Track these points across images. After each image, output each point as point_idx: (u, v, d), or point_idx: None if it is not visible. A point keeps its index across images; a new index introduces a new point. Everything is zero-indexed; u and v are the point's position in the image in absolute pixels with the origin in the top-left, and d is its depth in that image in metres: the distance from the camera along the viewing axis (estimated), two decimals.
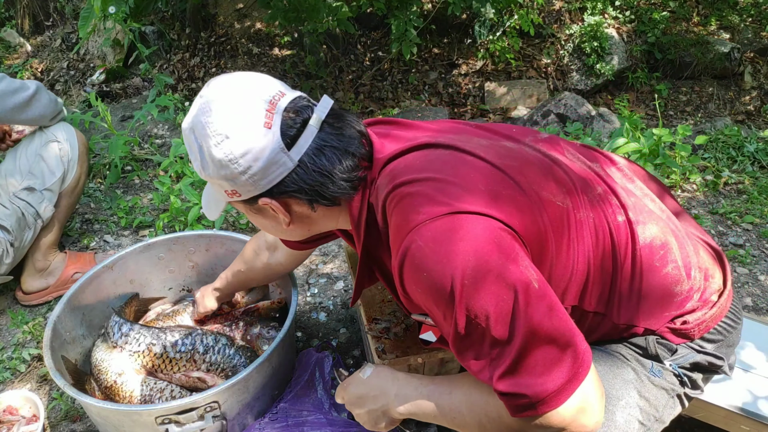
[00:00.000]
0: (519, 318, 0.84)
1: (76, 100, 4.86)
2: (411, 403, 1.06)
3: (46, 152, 1.96)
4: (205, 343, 1.58)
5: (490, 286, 0.84)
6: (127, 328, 1.61)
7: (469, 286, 0.85)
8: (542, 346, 0.85)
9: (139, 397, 1.51)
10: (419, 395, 1.05)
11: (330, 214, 1.06)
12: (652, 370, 1.06)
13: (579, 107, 3.88)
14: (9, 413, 1.60)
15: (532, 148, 1.09)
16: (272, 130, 0.94)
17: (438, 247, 0.87)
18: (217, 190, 1.04)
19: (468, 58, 5.31)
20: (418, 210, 0.91)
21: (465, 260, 0.85)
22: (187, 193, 2.31)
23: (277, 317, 1.78)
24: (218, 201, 1.08)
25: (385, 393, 1.10)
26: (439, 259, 0.86)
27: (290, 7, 3.64)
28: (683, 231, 1.12)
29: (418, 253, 0.89)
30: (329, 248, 2.38)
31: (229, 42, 5.20)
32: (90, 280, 1.69)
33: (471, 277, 0.85)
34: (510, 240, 0.88)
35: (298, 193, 0.99)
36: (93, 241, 2.41)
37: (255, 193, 0.99)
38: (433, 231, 0.88)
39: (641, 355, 1.07)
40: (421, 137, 1.06)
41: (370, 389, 1.12)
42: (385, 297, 1.53)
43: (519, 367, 0.85)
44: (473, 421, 0.97)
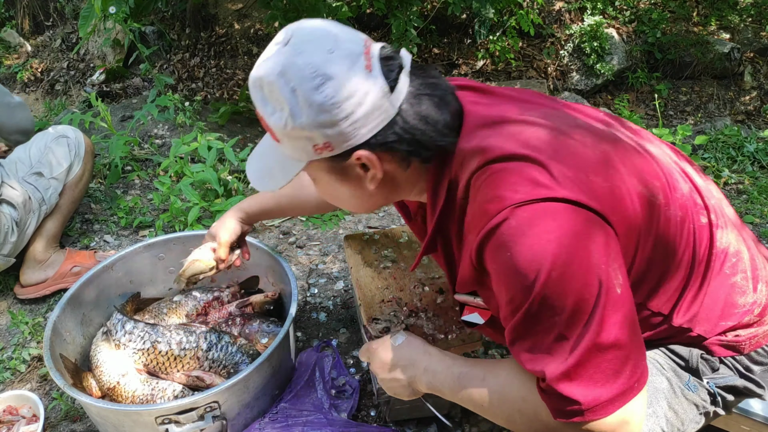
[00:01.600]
0: (593, 322, 0.82)
1: (76, 100, 4.87)
2: (439, 381, 1.04)
3: (56, 146, 2.12)
4: (209, 341, 1.58)
5: (575, 284, 0.82)
6: (131, 326, 1.62)
7: (555, 280, 0.82)
8: (607, 354, 0.83)
9: (142, 397, 1.51)
10: (449, 375, 1.03)
11: (416, 177, 0.99)
12: (687, 384, 1.05)
13: None
14: (9, 413, 1.60)
15: (625, 135, 1.02)
16: (373, 73, 0.88)
17: (531, 232, 0.83)
18: (296, 150, 0.94)
19: (468, 58, 5.31)
20: (516, 188, 0.86)
21: (557, 252, 0.82)
22: (187, 193, 2.30)
23: (272, 310, 1.78)
24: (289, 166, 0.97)
25: (415, 365, 1.08)
26: (531, 244, 0.83)
27: (290, 7, 3.64)
28: (753, 241, 1.09)
29: (508, 232, 0.84)
30: (329, 248, 2.39)
31: (229, 42, 5.20)
32: (90, 279, 1.69)
33: (559, 270, 0.82)
34: (605, 239, 0.86)
35: (398, 144, 0.91)
36: (93, 241, 2.41)
37: (352, 144, 0.90)
38: (530, 214, 0.84)
39: (681, 367, 1.06)
40: (512, 110, 0.99)
41: (399, 358, 1.11)
42: (385, 297, 1.53)
43: (579, 372, 0.83)
44: (502, 413, 0.96)
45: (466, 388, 0.99)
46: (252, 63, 5.60)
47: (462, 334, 1.38)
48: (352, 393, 1.65)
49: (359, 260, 1.67)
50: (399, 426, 1.58)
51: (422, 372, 1.07)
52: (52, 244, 2.13)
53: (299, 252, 2.37)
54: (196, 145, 2.45)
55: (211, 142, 2.46)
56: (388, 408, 1.53)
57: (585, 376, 0.83)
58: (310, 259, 2.32)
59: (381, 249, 1.71)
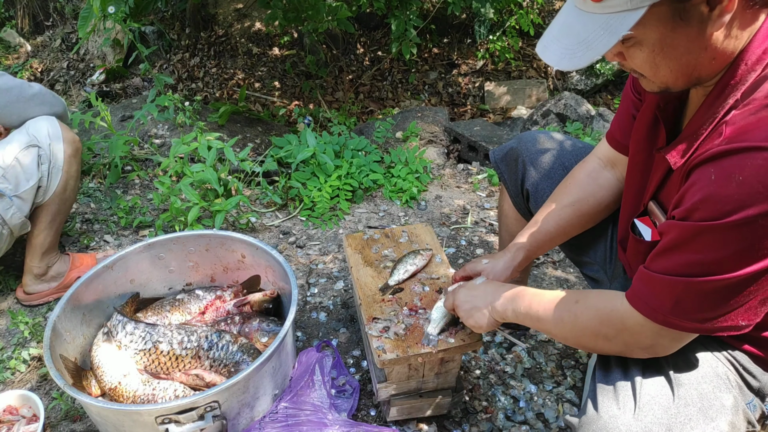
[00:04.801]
0: (756, 291, 0.85)
1: (76, 100, 4.87)
2: (518, 303, 1.18)
3: (23, 157, 1.83)
4: (210, 340, 1.59)
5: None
6: (131, 327, 1.62)
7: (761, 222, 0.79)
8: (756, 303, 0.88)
9: (143, 397, 1.51)
10: (530, 294, 1.17)
11: (742, 29, 0.88)
12: (749, 403, 1.06)
13: (579, 107, 3.88)
14: (9, 413, 1.60)
15: None
16: None
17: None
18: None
19: (468, 58, 5.31)
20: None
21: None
22: (187, 193, 2.31)
23: (271, 309, 1.78)
24: (616, 24, 0.86)
25: (494, 293, 1.24)
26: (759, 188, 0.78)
27: (290, 7, 3.64)
28: None
29: (764, 160, 0.79)
30: (329, 248, 2.39)
31: (228, 42, 5.20)
32: (90, 280, 1.69)
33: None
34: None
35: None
36: (93, 241, 2.41)
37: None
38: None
39: (747, 385, 1.07)
40: None
41: (479, 291, 1.29)
42: (385, 296, 1.53)
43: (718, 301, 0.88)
44: (588, 325, 1.05)
45: (544, 307, 1.12)
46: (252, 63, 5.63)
47: (462, 333, 1.38)
48: (352, 393, 1.65)
49: (359, 260, 1.67)
50: (399, 426, 1.58)
51: (501, 297, 1.22)
52: (49, 254, 2.02)
53: (299, 252, 2.37)
54: (196, 145, 2.45)
55: (211, 142, 2.46)
56: (388, 408, 1.53)
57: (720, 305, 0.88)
58: (310, 259, 2.32)
59: (381, 249, 1.71)
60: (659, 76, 0.94)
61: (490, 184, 2.98)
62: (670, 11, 0.84)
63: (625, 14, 0.84)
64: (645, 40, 0.89)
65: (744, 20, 0.86)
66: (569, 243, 1.52)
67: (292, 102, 4.87)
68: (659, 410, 0.97)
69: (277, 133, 3.67)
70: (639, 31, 0.86)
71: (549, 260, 2.33)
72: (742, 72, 0.89)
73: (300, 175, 2.72)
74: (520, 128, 4.16)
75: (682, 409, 0.97)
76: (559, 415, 1.65)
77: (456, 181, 3.05)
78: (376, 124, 3.30)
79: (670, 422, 0.95)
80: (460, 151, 3.45)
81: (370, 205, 2.74)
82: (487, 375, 1.77)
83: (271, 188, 2.71)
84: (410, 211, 2.71)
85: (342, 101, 4.90)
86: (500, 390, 1.72)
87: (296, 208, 2.66)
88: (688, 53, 0.89)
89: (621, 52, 0.93)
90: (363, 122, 4.38)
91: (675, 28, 0.85)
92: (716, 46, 0.87)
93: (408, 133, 3.38)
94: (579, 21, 0.90)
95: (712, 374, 1.04)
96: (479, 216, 2.66)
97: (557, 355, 1.85)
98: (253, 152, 3.21)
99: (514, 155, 1.57)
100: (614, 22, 0.86)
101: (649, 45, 0.89)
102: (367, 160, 2.87)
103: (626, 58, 0.94)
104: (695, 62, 0.90)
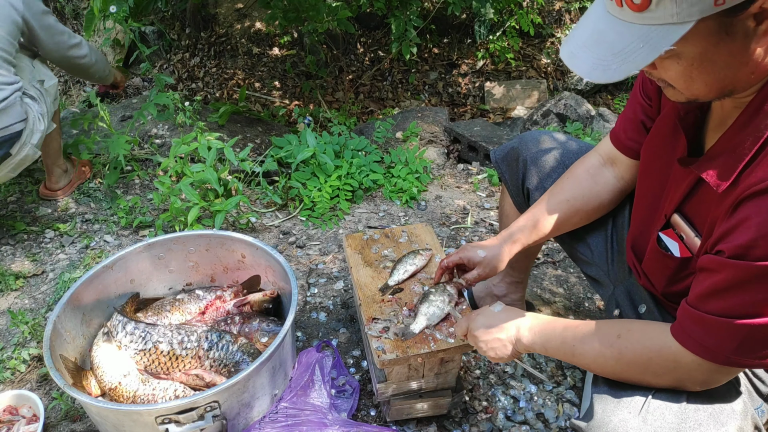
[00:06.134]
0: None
1: (76, 100, 4.87)
2: (545, 336, 1.12)
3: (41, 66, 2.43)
4: (210, 340, 1.59)
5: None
6: (132, 327, 1.62)
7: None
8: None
9: (143, 397, 1.51)
10: (554, 329, 1.12)
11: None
12: (758, 408, 1.06)
13: (579, 107, 3.88)
14: (9, 413, 1.60)
15: None
16: None
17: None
18: (687, 8, 0.77)
19: (468, 58, 5.31)
20: None
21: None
22: (187, 193, 2.30)
23: (270, 309, 1.78)
24: (658, 38, 0.80)
25: (517, 324, 1.17)
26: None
27: (290, 6, 3.64)
28: None
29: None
30: (329, 248, 2.39)
31: (229, 42, 5.20)
32: (90, 279, 1.69)
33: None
34: None
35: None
36: (93, 241, 2.41)
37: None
38: None
39: (756, 390, 1.07)
40: None
41: (500, 320, 1.20)
42: (385, 296, 1.53)
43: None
44: (634, 361, 1.01)
45: (581, 340, 1.07)
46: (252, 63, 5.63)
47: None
48: (352, 393, 1.65)
49: (359, 260, 1.67)
50: (399, 426, 1.58)
51: (527, 330, 1.15)
52: (60, 155, 2.65)
53: (299, 252, 2.37)
54: (196, 145, 2.45)
55: (211, 142, 2.46)
56: (388, 408, 1.53)
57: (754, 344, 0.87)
58: (310, 259, 2.32)
59: (381, 249, 1.71)
60: (692, 89, 0.89)
61: (490, 184, 2.98)
62: (716, 26, 0.79)
63: (670, 27, 0.78)
64: (684, 54, 0.83)
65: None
66: (570, 243, 1.52)
67: (292, 102, 4.87)
68: (669, 414, 0.96)
69: (277, 133, 3.67)
70: (680, 45, 0.81)
71: (549, 260, 2.33)
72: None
73: (300, 175, 2.72)
74: (520, 128, 4.16)
75: (692, 414, 0.96)
76: (559, 415, 1.65)
77: (456, 181, 3.05)
78: (376, 124, 3.30)
79: (679, 426, 0.94)
80: (460, 151, 3.45)
81: (370, 205, 2.74)
82: (487, 375, 1.77)
83: (271, 188, 2.71)
84: (410, 211, 2.71)
85: (342, 101, 4.90)
86: (500, 390, 1.72)
87: (296, 208, 2.66)
88: (727, 68, 0.84)
89: (654, 63, 0.87)
90: (363, 122, 4.38)
91: (718, 42, 0.81)
92: (758, 61, 0.83)
93: (408, 133, 3.38)
94: (614, 30, 0.84)
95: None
96: (479, 216, 2.66)
97: None
98: (253, 152, 3.21)
99: (515, 155, 1.57)
100: (656, 35, 0.79)
101: (689, 59, 0.84)
102: (367, 160, 2.87)
103: (657, 68, 0.89)
104: (733, 77, 0.86)
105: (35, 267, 2.26)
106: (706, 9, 0.76)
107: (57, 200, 2.69)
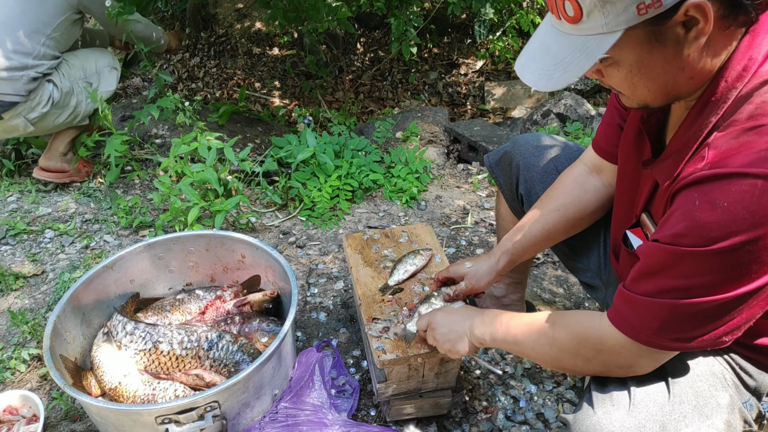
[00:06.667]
0: (741, 310, 0.86)
1: None
2: (495, 327, 1.17)
3: (108, 73, 2.75)
4: (210, 340, 1.59)
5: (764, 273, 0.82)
6: (132, 327, 1.62)
7: (759, 252, 0.80)
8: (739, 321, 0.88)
9: (143, 397, 1.51)
10: (504, 320, 1.16)
11: (720, 49, 0.87)
12: (746, 402, 1.07)
13: (579, 107, 3.88)
14: (9, 413, 1.60)
15: None
16: None
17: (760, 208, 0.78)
18: (612, 19, 0.82)
19: (468, 58, 5.31)
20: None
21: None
22: (187, 193, 2.30)
23: (270, 309, 1.78)
24: (593, 47, 0.86)
25: (472, 318, 1.24)
26: (765, 214, 0.78)
27: (290, 6, 3.64)
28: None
29: (748, 186, 0.79)
30: (329, 248, 2.39)
31: (228, 42, 5.20)
32: (90, 279, 1.69)
33: (754, 245, 0.79)
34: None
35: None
36: (93, 241, 2.41)
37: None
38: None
39: (744, 384, 1.08)
40: None
41: (457, 314, 1.27)
42: (385, 296, 1.53)
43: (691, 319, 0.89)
44: (568, 347, 1.04)
45: (522, 329, 1.12)
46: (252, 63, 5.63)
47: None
48: (352, 393, 1.65)
49: (359, 260, 1.67)
50: (399, 426, 1.58)
51: (479, 322, 1.21)
52: (68, 141, 2.73)
53: (299, 252, 2.37)
54: (196, 145, 2.45)
55: (211, 142, 2.46)
56: (388, 408, 1.53)
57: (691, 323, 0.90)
58: (310, 259, 2.32)
59: (381, 249, 1.71)
60: (637, 95, 0.95)
61: (490, 184, 2.98)
62: (645, 34, 0.84)
63: (602, 37, 0.84)
64: (622, 61, 0.89)
65: (721, 40, 0.86)
66: (563, 249, 1.52)
67: (292, 102, 4.87)
68: (654, 407, 0.98)
69: (277, 133, 3.67)
70: (615, 53, 0.86)
71: (549, 260, 2.33)
72: (722, 89, 0.88)
73: (300, 175, 2.72)
74: (520, 128, 4.16)
75: (677, 407, 0.97)
76: (559, 415, 1.65)
77: (456, 181, 3.05)
78: (376, 124, 3.30)
79: (664, 419, 0.96)
80: (460, 151, 3.45)
81: (370, 205, 2.74)
82: (487, 375, 1.77)
83: (271, 188, 2.71)
84: (410, 211, 2.71)
85: (342, 101, 4.90)
86: (500, 390, 1.72)
87: (296, 208, 2.66)
88: (665, 73, 0.89)
89: (599, 70, 0.93)
90: (363, 122, 4.38)
91: (651, 50, 0.86)
92: (694, 66, 0.88)
93: (408, 133, 3.38)
94: (556, 41, 0.90)
95: (707, 373, 1.05)
96: (479, 216, 2.66)
97: None
98: (253, 152, 3.21)
99: (508, 159, 1.57)
100: (591, 45, 0.86)
101: (626, 66, 0.89)
102: (367, 160, 2.87)
103: (605, 76, 0.94)
104: (673, 82, 0.90)
105: (35, 267, 2.26)
106: (631, 19, 0.81)
107: (47, 185, 2.77)
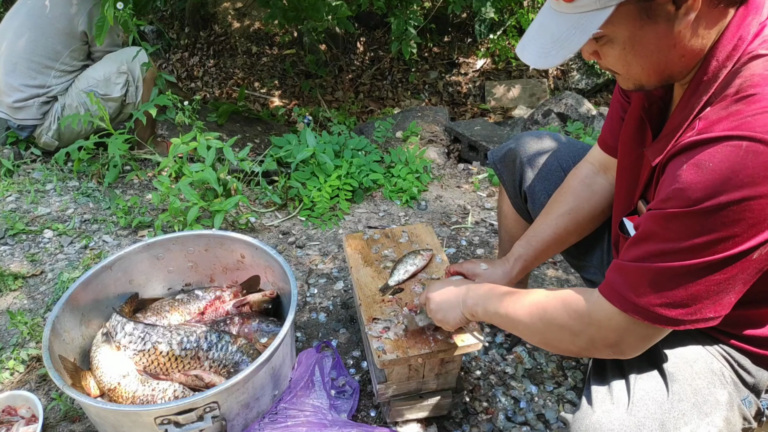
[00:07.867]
0: (735, 270, 0.85)
1: None
2: (486, 297, 1.18)
3: (116, 78, 2.90)
4: (209, 340, 1.59)
5: (756, 231, 0.81)
6: (131, 327, 1.61)
7: (743, 213, 0.80)
8: (726, 291, 0.87)
9: (142, 398, 1.50)
10: (497, 293, 1.17)
11: (709, 28, 0.90)
12: (744, 399, 1.06)
13: (579, 106, 3.88)
14: (8, 413, 1.60)
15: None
16: None
17: (760, 164, 0.78)
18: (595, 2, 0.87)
19: (468, 57, 5.31)
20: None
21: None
22: (186, 193, 2.30)
23: (270, 309, 1.78)
24: (587, 22, 0.90)
25: (466, 288, 1.25)
26: (749, 174, 0.79)
27: (290, 6, 3.64)
28: None
29: (733, 147, 0.80)
30: (329, 248, 2.38)
31: (228, 41, 5.20)
32: (89, 280, 1.69)
33: (757, 212, 0.79)
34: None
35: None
36: (92, 241, 2.40)
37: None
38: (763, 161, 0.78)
39: (742, 382, 1.07)
40: None
41: (453, 285, 1.29)
42: (386, 297, 1.52)
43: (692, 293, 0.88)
44: (558, 319, 1.03)
45: (514, 302, 1.11)
46: (251, 62, 5.62)
47: (461, 333, 1.38)
48: (352, 393, 1.64)
49: (359, 260, 1.66)
50: (399, 427, 1.58)
51: (473, 294, 1.22)
52: (149, 138, 2.95)
53: (299, 252, 2.37)
54: (195, 145, 2.45)
55: (210, 142, 2.46)
56: (388, 409, 1.52)
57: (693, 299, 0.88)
58: (310, 259, 2.32)
59: (381, 249, 1.71)
60: (632, 74, 0.98)
61: (491, 184, 2.98)
62: (637, 10, 0.87)
63: (595, 13, 0.88)
64: (616, 38, 0.92)
65: (711, 18, 0.88)
66: (569, 249, 1.52)
67: (292, 101, 4.86)
68: (653, 405, 0.98)
69: (277, 133, 3.67)
70: (609, 29, 0.90)
71: (549, 261, 2.33)
72: (713, 68, 0.90)
73: (300, 175, 2.71)
74: (520, 128, 4.15)
75: (676, 405, 0.97)
76: (559, 414, 1.64)
77: (456, 181, 3.04)
78: (376, 124, 3.29)
79: (663, 417, 0.95)
80: (460, 151, 3.44)
81: (370, 205, 2.74)
82: (487, 376, 1.77)
83: (270, 188, 2.70)
84: (410, 211, 2.70)
85: (342, 101, 4.90)
86: (501, 391, 1.72)
87: (296, 208, 2.65)
88: (657, 51, 0.92)
89: (596, 51, 0.96)
90: (363, 122, 4.38)
91: (643, 26, 0.89)
92: (684, 44, 0.90)
93: (408, 132, 3.37)
94: (553, 21, 0.94)
95: (706, 370, 1.04)
96: (480, 216, 2.65)
97: (558, 356, 1.84)
98: (252, 152, 3.20)
99: (512, 156, 1.57)
100: (585, 21, 0.89)
101: (620, 43, 0.92)
102: (367, 160, 2.87)
103: (601, 57, 0.97)
104: (665, 60, 0.93)
105: (34, 267, 2.25)
106: (616, 1, 0.85)
107: (46, 184, 2.82)
